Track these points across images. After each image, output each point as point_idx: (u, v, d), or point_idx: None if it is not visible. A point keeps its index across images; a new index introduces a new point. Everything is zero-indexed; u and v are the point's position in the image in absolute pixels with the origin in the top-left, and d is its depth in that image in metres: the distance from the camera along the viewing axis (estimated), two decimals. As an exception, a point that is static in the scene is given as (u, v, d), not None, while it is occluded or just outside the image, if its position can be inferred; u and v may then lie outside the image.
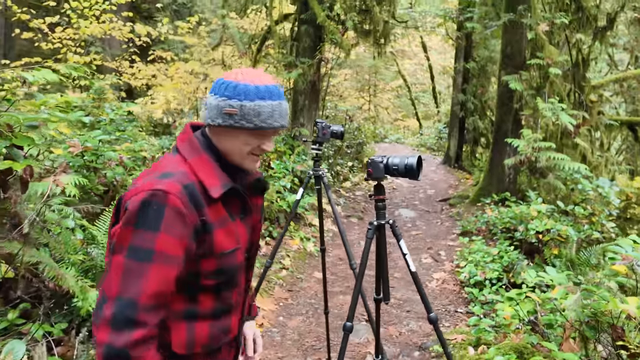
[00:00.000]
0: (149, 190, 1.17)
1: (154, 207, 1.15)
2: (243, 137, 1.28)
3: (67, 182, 2.88)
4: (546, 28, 6.79)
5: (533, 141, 6.39)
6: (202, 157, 1.29)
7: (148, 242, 1.13)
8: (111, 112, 4.42)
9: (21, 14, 7.04)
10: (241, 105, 1.24)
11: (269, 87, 1.28)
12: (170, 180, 1.20)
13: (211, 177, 1.27)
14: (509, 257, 5.29)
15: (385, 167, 1.98)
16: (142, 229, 1.14)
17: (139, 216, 1.14)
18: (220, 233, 1.26)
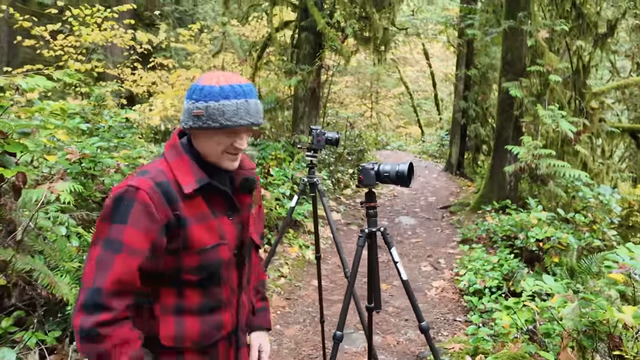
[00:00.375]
0: (123, 187, 1.26)
1: (125, 202, 1.24)
2: (215, 137, 1.33)
3: (62, 189, 2.87)
4: (546, 35, 6.79)
5: (533, 148, 6.37)
6: (182, 158, 1.35)
7: (119, 234, 1.22)
8: (109, 119, 4.43)
9: (23, 22, 7.08)
10: (206, 106, 1.29)
11: (234, 87, 1.32)
12: (144, 177, 1.29)
13: (187, 175, 1.32)
14: (509, 265, 5.25)
15: (376, 174, 1.97)
16: (115, 223, 1.23)
17: (113, 210, 1.24)
18: (198, 228, 1.31)
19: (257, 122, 1.35)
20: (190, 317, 1.34)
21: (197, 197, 1.33)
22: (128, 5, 7.92)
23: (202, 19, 11.96)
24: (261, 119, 1.38)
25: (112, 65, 9.55)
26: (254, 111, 1.34)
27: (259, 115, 1.36)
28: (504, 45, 7.79)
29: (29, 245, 2.98)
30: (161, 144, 5.86)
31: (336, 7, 7.02)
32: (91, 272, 1.22)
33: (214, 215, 1.36)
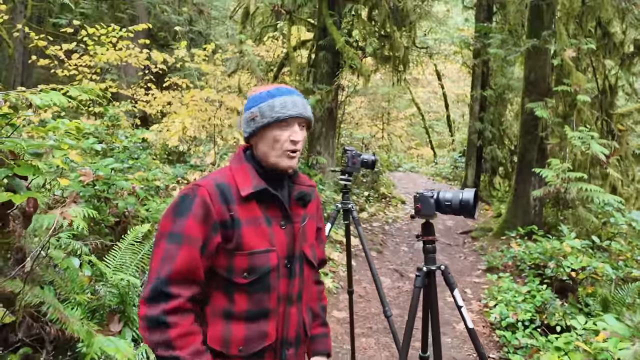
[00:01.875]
0: (190, 186, 1.39)
1: (188, 198, 1.35)
2: (271, 134, 1.42)
3: (75, 215, 2.66)
4: (573, 54, 6.59)
5: (562, 171, 6.11)
6: (242, 165, 1.46)
7: (181, 227, 1.32)
8: (125, 140, 4.25)
9: (38, 41, 6.99)
10: (259, 107, 1.43)
11: (279, 88, 1.47)
12: (207, 179, 1.41)
13: (246, 180, 1.41)
14: (541, 297, 4.94)
15: (436, 203, 1.72)
16: (178, 217, 1.33)
17: (178, 206, 1.35)
18: (250, 231, 1.38)
19: (305, 114, 1.45)
20: (237, 322, 1.38)
21: (253, 202, 1.40)
22: (143, 25, 7.83)
23: (215, 40, 11.94)
24: (309, 112, 1.48)
25: (126, 86, 9.47)
26: (300, 104, 1.45)
27: (306, 108, 1.47)
28: (526, 64, 7.60)
29: (39, 276, 2.76)
30: (175, 165, 5.66)
31: (355, 25, 6.88)
32: (156, 265, 1.31)
33: (268, 221, 1.42)
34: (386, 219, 8.89)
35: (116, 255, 3.18)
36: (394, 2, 6.35)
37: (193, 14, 14.06)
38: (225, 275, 1.37)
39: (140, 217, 4.19)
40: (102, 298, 2.98)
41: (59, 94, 1.88)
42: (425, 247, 1.83)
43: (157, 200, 4.05)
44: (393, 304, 4.99)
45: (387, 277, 5.72)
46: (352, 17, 7.02)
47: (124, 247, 3.20)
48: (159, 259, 1.31)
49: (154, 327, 1.26)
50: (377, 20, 6.65)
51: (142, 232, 3.34)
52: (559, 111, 7.09)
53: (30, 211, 2.05)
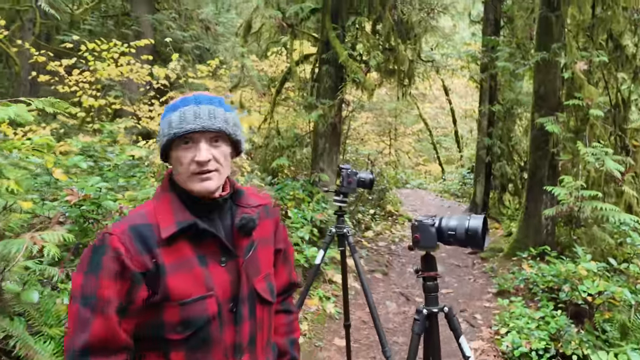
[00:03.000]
0: (100, 235, 1.17)
1: (99, 251, 1.14)
2: (174, 155, 1.22)
3: (48, 240, 2.45)
4: (584, 67, 6.36)
5: (575, 189, 5.84)
6: (165, 196, 1.24)
7: (92, 288, 1.12)
8: (114, 157, 4.06)
9: (38, 57, 6.90)
10: (160, 124, 1.24)
11: (186, 98, 1.24)
12: (122, 222, 1.19)
13: (167, 216, 1.19)
14: (556, 323, 4.66)
15: (438, 232, 1.46)
16: (88, 274, 1.13)
17: (88, 261, 1.15)
18: (179, 277, 1.16)
19: (212, 126, 1.19)
20: None
21: (182, 242, 1.18)
22: (145, 41, 7.74)
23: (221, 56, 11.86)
24: (220, 123, 1.21)
25: (129, 102, 9.35)
26: (205, 114, 1.19)
27: (214, 119, 1.20)
28: (536, 78, 7.38)
29: (8, 306, 2.55)
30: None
31: (358, 39, 6.72)
32: (71, 331, 1.13)
33: (203, 262, 1.20)
34: (392, 238, 8.62)
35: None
36: (399, 15, 6.19)
37: (199, 31, 14.04)
38: (156, 332, 1.16)
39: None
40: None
41: (23, 107, 1.69)
42: (425, 285, 1.58)
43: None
44: (399, 331, 4.72)
45: (392, 301, 5.45)
46: (355, 31, 6.87)
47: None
48: (73, 323, 1.12)
49: None
50: (381, 33, 6.49)
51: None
52: (570, 126, 6.85)
53: (-16, 239, 1.85)
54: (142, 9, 11.67)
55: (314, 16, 7.13)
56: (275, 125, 7.46)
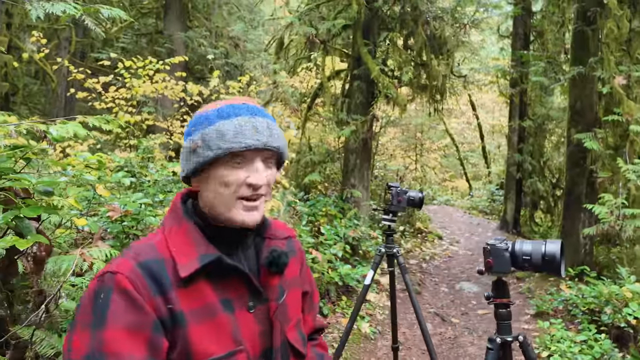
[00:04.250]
0: (98, 276, 0.90)
1: (101, 296, 0.88)
2: (216, 174, 0.97)
3: (96, 257, 2.48)
4: (623, 81, 6.21)
5: (616, 208, 5.66)
6: (181, 226, 0.98)
7: (99, 344, 0.84)
8: (155, 173, 4.13)
9: (77, 74, 7.11)
10: (202, 134, 0.97)
11: (236, 105, 1.00)
12: (125, 257, 0.92)
13: (186, 249, 0.95)
14: (600, 347, 4.48)
15: (512, 257, 1.40)
16: (93, 329, 0.85)
17: (91, 312, 0.87)
18: (201, 330, 0.92)
19: (273, 143, 0.99)
20: None
21: (201, 282, 0.94)
22: (180, 58, 7.91)
23: (250, 72, 12.04)
24: (280, 141, 1.01)
25: (162, 118, 9.54)
26: (265, 130, 0.98)
27: (274, 136, 1.00)
28: (571, 93, 7.24)
29: (57, 323, 2.58)
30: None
31: (390, 54, 6.72)
32: None
33: (228, 307, 0.96)
34: (423, 255, 8.48)
35: (140, 298, 2.97)
36: (431, 30, 6.18)
37: (229, 48, 14.30)
38: None
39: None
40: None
41: (77, 124, 1.72)
42: (498, 313, 1.52)
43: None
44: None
45: (427, 322, 5.33)
46: (387, 46, 6.88)
47: (148, 289, 3.00)
48: None
49: None
50: (414, 48, 6.48)
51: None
52: (609, 142, 6.67)
53: (41, 255, 1.87)
54: (175, 27, 11.95)
55: (345, 32, 7.17)
56: (307, 140, 7.49)
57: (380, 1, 6.41)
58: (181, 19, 12.25)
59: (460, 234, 11.28)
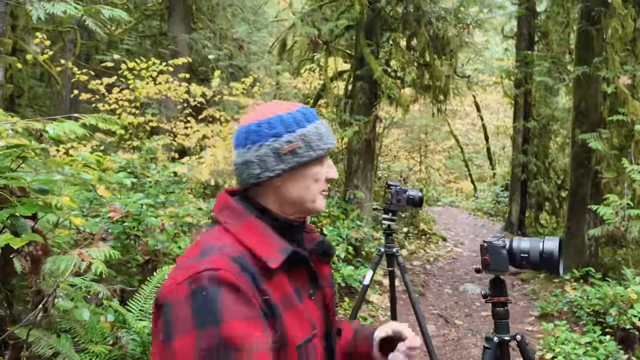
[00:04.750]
0: (188, 278, 0.90)
1: (204, 294, 0.88)
2: (310, 172, 1.07)
3: (95, 257, 2.47)
4: (628, 81, 6.17)
5: (621, 208, 5.61)
6: (249, 222, 1.03)
7: (217, 340, 0.85)
8: (156, 174, 4.12)
9: (80, 76, 7.14)
10: (302, 134, 1.04)
11: (304, 110, 1.10)
12: (213, 256, 0.94)
13: (263, 243, 1.00)
14: (604, 349, 4.43)
15: (509, 255, 1.38)
16: (202, 329, 0.85)
17: (191, 315, 0.86)
18: (289, 317, 0.99)
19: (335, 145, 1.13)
20: None
21: (280, 274, 1.01)
22: (183, 59, 7.92)
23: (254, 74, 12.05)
24: None
25: (165, 119, 9.55)
26: (331, 132, 1.12)
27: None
28: (576, 93, 7.20)
29: (56, 323, 2.57)
30: (210, 201, 5.51)
31: (393, 55, 6.70)
32: None
33: (299, 296, 1.04)
34: (427, 257, 8.44)
35: (140, 299, 2.97)
36: (434, 30, 6.15)
37: (233, 50, 14.32)
38: None
39: (173, 255, 4.00)
40: (124, 347, 2.75)
41: (74, 123, 1.71)
42: (495, 311, 1.49)
43: (186, 239, 3.86)
44: (439, 354, 4.57)
45: (430, 323, 5.30)
46: (390, 47, 6.86)
47: (148, 290, 2.99)
48: None
49: None
50: (417, 48, 6.46)
51: (169, 272, 3.12)
52: (614, 143, 6.62)
53: (38, 254, 1.86)
54: (179, 29, 11.97)
55: (348, 33, 7.16)
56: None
57: (383, 1, 6.40)
58: (185, 21, 12.27)
59: (464, 235, 11.23)
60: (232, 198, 1.09)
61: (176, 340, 0.86)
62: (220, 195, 1.11)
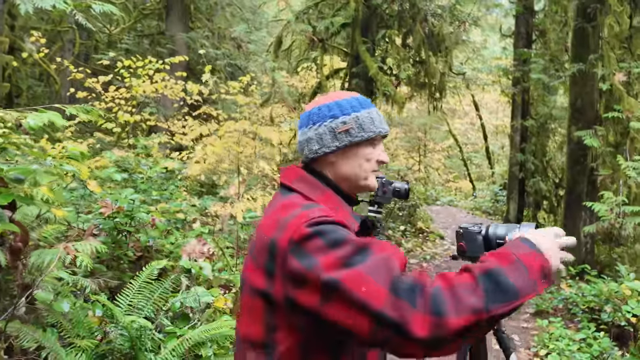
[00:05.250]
0: (309, 220, 1.02)
1: (330, 226, 1.02)
2: (363, 151, 1.22)
3: (81, 250, 2.47)
4: (623, 78, 6.16)
5: (616, 205, 5.60)
6: (326, 193, 1.19)
7: (354, 245, 0.98)
8: (148, 170, 4.12)
9: (76, 74, 7.13)
10: (356, 116, 1.20)
11: (360, 98, 1.26)
12: (321, 208, 1.08)
13: (341, 210, 1.17)
14: (598, 345, 4.43)
15: (485, 241, 1.36)
16: (338, 247, 0.98)
17: (324, 238, 0.99)
18: None
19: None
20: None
21: None
22: (180, 58, 7.90)
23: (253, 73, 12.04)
24: None
25: (163, 118, 9.53)
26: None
27: None
28: (572, 90, 7.18)
29: (42, 317, 2.56)
30: (204, 198, 5.50)
31: (389, 52, 6.69)
32: (374, 287, 0.92)
33: None
34: (424, 255, 8.44)
35: (129, 294, 2.96)
36: (429, 28, 6.15)
37: (232, 49, 14.31)
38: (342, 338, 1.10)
39: (165, 251, 4.00)
40: (112, 341, 2.74)
41: (55, 113, 1.70)
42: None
43: (178, 234, 3.85)
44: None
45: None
46: (385, 44, 6.85)
47: (137, 285, 2.99)
48: (369, 280, 0.93)
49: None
50: (412, 46, 6.45)
51: (158, 268, 3.12)
52: (609, 140, 6.62)
53: (17, 245, 1.86)
54: (177, 28, 11.97)
55: (344, 31, 7.16)
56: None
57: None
58: (183, 20, 12.27)
59: (462, 234, 11.20)
60: (304, 171, 1.23)
61: (318, 263, 0.96)
62: (292, 169, 1.24)
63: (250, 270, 1.11)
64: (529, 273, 0.99)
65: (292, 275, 0.99)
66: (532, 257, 1.04)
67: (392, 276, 0.94)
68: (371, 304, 0.91)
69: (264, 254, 1.05)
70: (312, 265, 0.96)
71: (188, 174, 4.18)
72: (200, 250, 3.26)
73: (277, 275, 1.02)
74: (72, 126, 7.55)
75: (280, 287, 1.02)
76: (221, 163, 4.90)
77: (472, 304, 0.90)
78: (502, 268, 0.97)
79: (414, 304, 0.89)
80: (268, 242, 1.05)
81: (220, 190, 5.79)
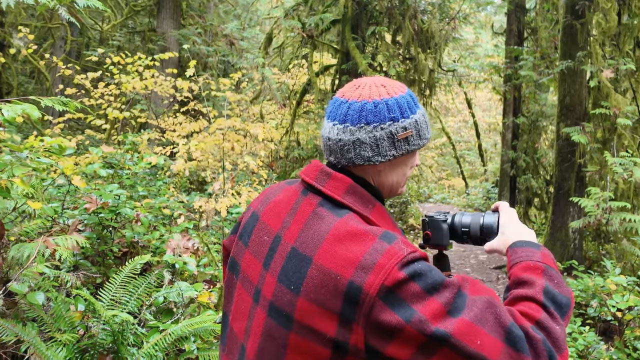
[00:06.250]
0: (400, 260, 0.89)
1: (423, 265, 0.91)
2: (410, 159, 1.10)
3: (61, 244, 2.46)
4: (611, 75, 6.20)
5: (603, 201, 5.65)
6: (376, 207, 1.04)
7: (452, 288, 0.90)
8: (133, 165, 4.11)
9: (65, 70, 7.10)
10: (415, 121, 1.03)
11: (410, 91, 1.08)
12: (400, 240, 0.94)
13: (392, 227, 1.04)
14: (584, 340, 4.46)
15: (450, 229, 1.35)
16: (438, 292, 0.89)
17: (420, 283, 0.88)
18: None
19: None
20: None
21: None
22: (170, 54, 7.87)
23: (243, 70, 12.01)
24: None
25: (154, 115, 9.51)
26: None
27: None
28: (560, 87, 7.22)
29: (22, 311, 2.56)
30: (191, 194, 5.49)
31: (378, 49, 6.70)
32: (488, 340, 0.86)
33: None
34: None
35: (111, 289, 2.95)
36: (419, 25, 6.16)
37: (224, 46, 14.28)
38: None
39: (151, 247, 4.00)
40: (94, 336, 2.74)
41: (30, 105, 1.69)
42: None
43: (164, 230, 3.85)
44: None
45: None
46: (375, 41, 6.86)
47: (120, 279, 2.98)
48: (480, 328, 0.87)
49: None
50: (401, 43, 6.47)
51: (141, 263, 3.12)
52: (597, 136, 6.66)
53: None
54: (168, 25, 11.93)
55: (335, 27, 7.16)
56: (296, 137, 7.47)
57: (368, -5, 6.41)
58: (174, 17, 12.22)
59: (453, 230, 11.24)
60: (352, 181, 1.04)
61: (422, 309, 0.87)
62: (339, 178, 1.04)
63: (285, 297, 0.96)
64: (558, 272, 1.02)
65: (382, 326, 0.87)
66: (545, 256, 1.04)
67: (504, 326, 0.88)
68: (487, 359, 0.85)
69: (337, 296, 0.90)
70: (410, 317, 0.86)
71: (174, 170, 4.16)
72: (185, 245, 3.26)
73: (359, 324, 0.89)
74: (61, 123, 7.52)
75: (360, 336, 0.89)
76: (208, 159, 4.88)
77: (562, 335, 0.92)
78: (547, 284, 0.97)
79: (528, 353, 0.87)
80: (345, 284, 0.89)
81: (208, 186, 5.77)
